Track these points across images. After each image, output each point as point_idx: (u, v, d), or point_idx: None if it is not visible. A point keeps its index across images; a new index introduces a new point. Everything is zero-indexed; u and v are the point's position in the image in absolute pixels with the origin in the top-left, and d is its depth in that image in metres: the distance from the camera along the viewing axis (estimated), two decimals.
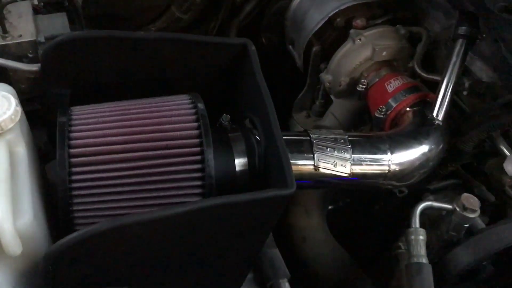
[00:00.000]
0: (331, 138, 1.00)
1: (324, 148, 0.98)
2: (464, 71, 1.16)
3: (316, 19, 1.29)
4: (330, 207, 1.37)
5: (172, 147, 0.82)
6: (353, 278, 1.17)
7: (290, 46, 1.42)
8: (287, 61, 1.50)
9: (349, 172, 0.99)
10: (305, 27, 1.32)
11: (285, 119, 1.49)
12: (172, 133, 0.83)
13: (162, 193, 0.81)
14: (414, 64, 1.20)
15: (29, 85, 0.99)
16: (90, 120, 0.84)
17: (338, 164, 0.98)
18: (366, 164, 0.99)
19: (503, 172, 1.11)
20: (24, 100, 1.02)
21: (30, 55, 1.00)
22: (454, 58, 1.08)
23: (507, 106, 1.06)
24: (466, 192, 1.06)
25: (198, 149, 0.83)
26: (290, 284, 1.08)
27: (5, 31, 0.97)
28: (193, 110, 0.87)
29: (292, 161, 0.97)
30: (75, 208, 0.78)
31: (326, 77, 1.27)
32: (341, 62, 1.24)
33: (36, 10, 1.08)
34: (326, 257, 1.22)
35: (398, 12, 1.29)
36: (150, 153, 0.81)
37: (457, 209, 1.05)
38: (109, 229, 0.69)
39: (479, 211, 1.06)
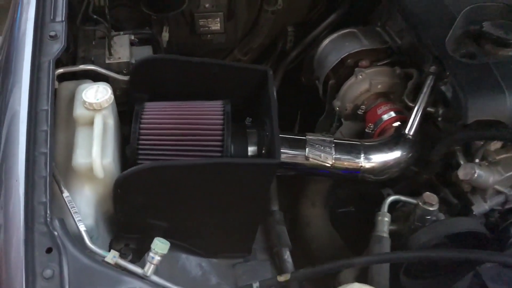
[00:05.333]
0: (321, 139, 1.38)
1: (314, 145, 1.36)
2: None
3: (333, 59, 1.70)
4: (340, 210, 1.72)
5: (203, 132, 1.26)
6: (341, 254, 1.51)
7: (316, 81, 1.83)
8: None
9: (331, 163, 1.36)
10: (325, 66, 1.73)
11: None
12: (204, 123, 1.27)
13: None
14: (404, 96, 1.56)
15: (122, 93, 1.49)
16: (154, 110, 1.30)
17: (323, 156, 1.35)
18: (344, 159, 1.36)
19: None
20: (119, 104, 1.53)
21: (124, 72, 1.49)
22: (424, 90, 1.43)
23: (464, 127, 1.38)
24: None
25: (220, 133, 1.26)
26: (292, 254, 1.45)
27: (110, 54, 1.47)
28: (221, 111, 1.30)
29: (290, 152, 1.37)
30: (138, 162, 1.23)
31: (336, 103, 1.65)
32: (347, 92, 1.62)
33: (131, 43, 1.59)
34: (323, 238, 1.57)
35: (399, 57, 1.66)
36: (188, 133, 1.25)
37: (420, 203, 1.37)
38: (153, 167, 1.14)
39: (437, 205, 1.36)
